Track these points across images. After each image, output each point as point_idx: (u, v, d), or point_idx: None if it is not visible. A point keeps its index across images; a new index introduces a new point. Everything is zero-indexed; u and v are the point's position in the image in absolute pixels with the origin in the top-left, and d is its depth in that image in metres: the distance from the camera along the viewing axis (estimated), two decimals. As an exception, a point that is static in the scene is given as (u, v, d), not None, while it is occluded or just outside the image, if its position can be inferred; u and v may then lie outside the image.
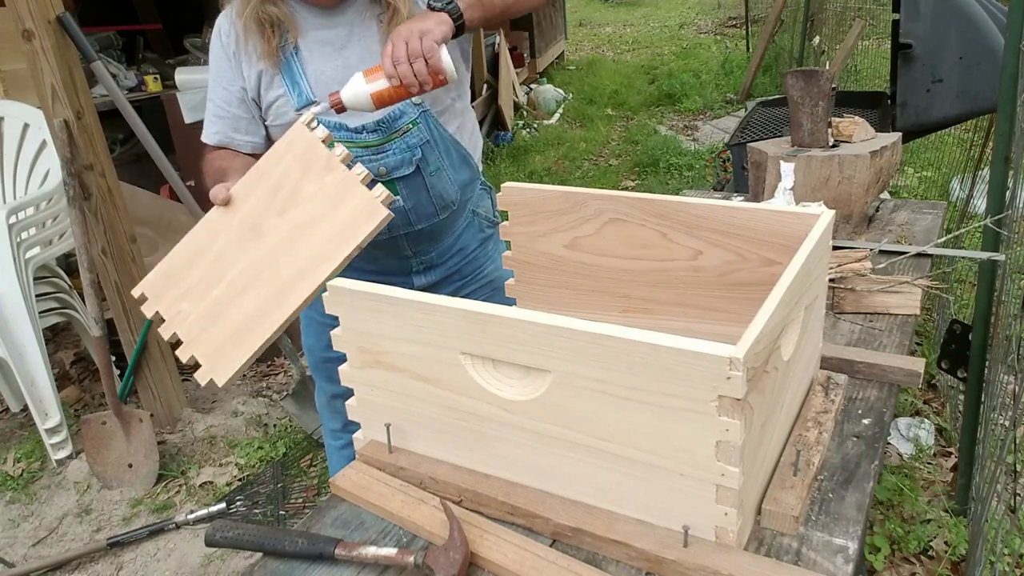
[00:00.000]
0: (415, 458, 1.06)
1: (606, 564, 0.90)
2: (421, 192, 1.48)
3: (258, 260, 1.22)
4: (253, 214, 1.25)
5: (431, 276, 1.62)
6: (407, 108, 1.40)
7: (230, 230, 1.27)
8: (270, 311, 1.17)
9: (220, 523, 1.02)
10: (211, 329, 1.22)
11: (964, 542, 2.07)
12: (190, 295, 1.26)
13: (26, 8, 2.40)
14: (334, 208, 1.17)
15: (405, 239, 1.53)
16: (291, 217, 1.21)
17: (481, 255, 1.68)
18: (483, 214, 1.67)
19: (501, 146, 6.48)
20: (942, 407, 2.73)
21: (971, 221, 3.02)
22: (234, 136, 1.49)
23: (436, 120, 1.45)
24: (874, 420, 1.12)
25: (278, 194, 1.23)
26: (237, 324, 1.19)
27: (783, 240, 1.10)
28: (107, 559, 2.40)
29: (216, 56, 1.46)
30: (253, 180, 1.27)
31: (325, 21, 1.41)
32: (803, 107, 1.77)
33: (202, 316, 1.23)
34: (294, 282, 1.17)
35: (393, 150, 1.42)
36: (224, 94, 1.46)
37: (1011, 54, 1.79)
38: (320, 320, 1.69)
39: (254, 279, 1.21)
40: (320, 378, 1.80)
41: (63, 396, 3.10)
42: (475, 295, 1.67)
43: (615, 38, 12.56)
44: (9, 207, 2.81)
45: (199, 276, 1.27)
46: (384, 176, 1.44)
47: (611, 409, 0.85)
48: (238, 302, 1.21)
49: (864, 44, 4.87)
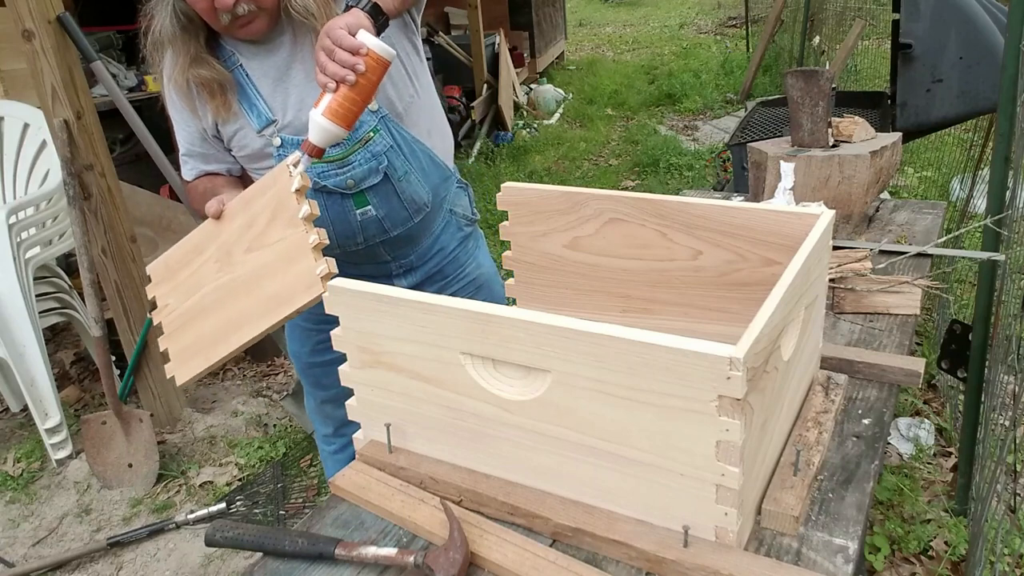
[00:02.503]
0: (415, 458, 1.06)
1: (606, 564, 0.90)
2: (392, 199, 1.46)
3: (223, 286, 1.27)
4: (229, 241, 1.28)
5: (412, 278, 1.61)
6: (365, 117, 1.38)
7: (212, 247, 1.31)
8: (218, 341, 1.24)
9: (220, 523, 1.02)
10: (183, 330, 1.30)
11: (964, 542, 2.07)
12: (176, 292, 1.34)
13: (26, 8, 2.40)
14: (287, 266, 1.18)
15: (382, 246, 1.52)
16: (255, 257, 1.23)
17: (462, 254, 1.66)
18: (460, 213, 1.65)
19: (501, 146, 6.48)
20: (942, 407, 2.73)
21: (971, 221, 3.02)
22: (206, 167, 1.52)
23: (397, 124, 1.43)
24: (874, 420, 1.12)
25: (250, 229, 1.25)
26: (198, 337, 1.27)
27: (783, 240, 1.10)
28: (107, 559, 2.40)
29: (170, 99, 1.45)
30: (240, 205, 1.29)
31: (264, 51, 1.39)
32: (803, 107, 1.77)
33: (180, 315, 1.32)
34: (240, 323, 1.22)
35: (358, 161, 1.40)
36: (186, 134, 1.48)
37: (1011, 54, 1.79)
38: (304, 326, 1.67)
39: (217, 303, 1.27)
40: (308, 384, 1.78)
41: (63, 396, 3.10)
42: (459, 294, 1.66)
43: (615, 38, 12.56)
44: (9, 207, 2.81)
45: (185, 278, 1.34)
46: (352, 188, 1.42)
47: (611, 409, 0.85)
48: (203, 317, 1.28)
49: (864, 44, 4.87)
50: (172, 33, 1.33)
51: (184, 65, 1.34)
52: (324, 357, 1.66)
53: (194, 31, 1.35)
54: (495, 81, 6.97)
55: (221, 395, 3.24)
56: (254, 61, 1.39)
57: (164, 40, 1.34)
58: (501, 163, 6.13)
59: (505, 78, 7.05)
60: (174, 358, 1.31)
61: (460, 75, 6.64)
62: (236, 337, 1.22)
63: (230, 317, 1.24)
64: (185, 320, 1.31)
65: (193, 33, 1.35)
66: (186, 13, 1.32)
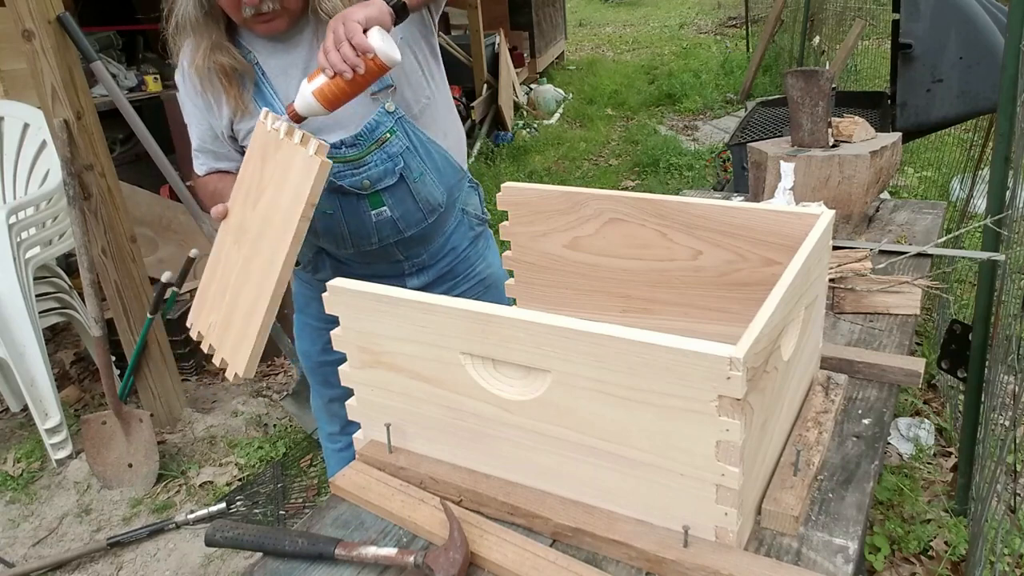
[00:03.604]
0: (415, 458, 1.06)
1: (606, 564, 0.90)
2: (407, 200, 1.46)
3: (248, 256, 1.24)
4: (239, 217, 1.29)
5: (424, 277, 1.61)
6: (383, 118, 1.38)
7: (227, 238, 1.32)
8: (260, 297, 1.19)
9: (220, 523, 1.02)
10: (228, 331, 1.26)
11: (964, 542, 2.07)
12: (213, 308, 1.32)
13: (26, 8, 2.40)
14: (284, 179, 1.17)
15: (395, 246, 1.52)
16: (261, 205, 1.23)
17: (472, 253, 1.67)
18: (472, 212, 1.65)
19: (501, 146, 6.48)
20: (942, 407, 2.73)
21: (971, 221, 3.02)
22: (217, 164, 1.53)
23: (413, 125, 1.43)
24: (874, 420, 1.12)
25: (251, 190, 1.26)
26: (242, 319, 1.22)
27: (783, 240, 1.10)
28: (107, 559, 2.40)
29: (184, 95, 1.46)
30: (236, 189, 1.32)
31: (282, 48, 1.39)
32: (803, 107, 1.77)
33: (222, 322, 1.28)
34: (271, 262, 1.18)
35: (374, 162, 1.40)
36: (198, 131, 1.49)
37: (1011, 54, 1.79)
38: (315, 324, 1.68)
39: (247, 274, 1.23)
40: (316, 382, 1.79)
41: (63, 396, 3.11)
42: (468, 293, 1.66)
43: (615, 38, 12.56)
44: (9, 207, 2.81)
45: (215, 288, 1.33)
46: (368, 188, 1.42)
47: (611, 409, 0.85)
48: (240, 300, 1.24)
49: (864, 44, 4.87)
50: (196, 18, 1.33)
51: (207, 49, 1.34)
52: (334, 356, 1.65)
53: (215, 18, 1.35)
54: (495, 81, 6.97)
55: (221, 395, 3.24)
56: (271, 59, 1.39)
57: (187, 25, 1.34)
58: (501, 163, 6.13)
59: (505, 78, 7.05)
60: (228, 360, 1.23)
61: (460, 75, 6.63)
62: (267, 286, 1.16)
63: (259, 278, 1.19)
64: (226, 322, 1.26)
65: (215, 20, 1.35)
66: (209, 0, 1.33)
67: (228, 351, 1.24)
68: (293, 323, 1.78)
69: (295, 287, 1.73)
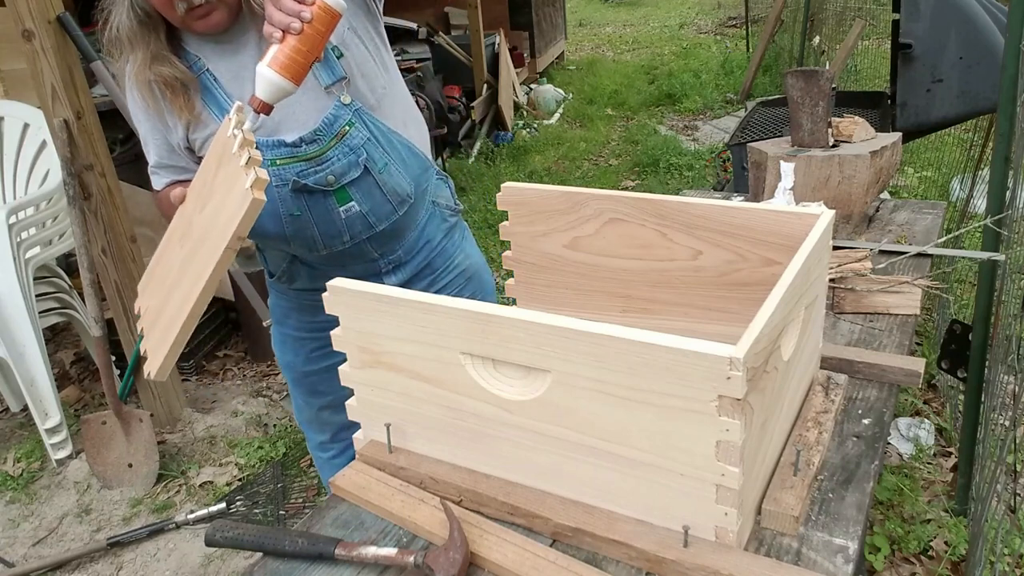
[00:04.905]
0: (415, 458, 1.06)
1: (606, 564, 0.90)
2: (375, 192, 1.43)
3: (186, 258, 1.21)
4: (189, 211, 1.25)
5: (401, 275, 1.58)
6: (340, 111, 1.36)
7: (178, 228, 1.27)
8: (182, 309, 1.15)
9: (220, 523, 1.02)
10: (156, 324, 1.23)
11: (964, 542, 2.07)
12: (155, 292, 1.28)
13: (26, 8, 2.41)
14: (227, 196, 1.11)
15: (369, 243, 1.49)
16: (207, 211, 1.18)
17: (449, 246, 1.64)
18: (443, 203, 1.62)
19: (501, 146, 6.48)
20: (942, 407, 2.73)
21: (971, 221, 3.02)
22: (179, 178, 1.47)
23: (372, 116, 1.40)
24: (874, 420, 1.12)
25: (202, 191, 1.22)
26: (167, 320, 1.19)
27: (783, 240, 1.10)
28: (107, 559, 2.40)
29: (134, 104, 1.41)
30: (196, 179, 1.28)
31: (230, 50, 1.35)
32: (803, 107, 1.77)
33: (155, 310, 1.25)
34: (198, 277, 1.14)
35: (336, 156, 1.38)
36: (155, 147, 1.44)
37: (1011, 54, 1.79)
38: (296, 335, 1.65)
39: (182, 275, 1.20)
40: (302, 393, 1.73)
41: (63, 396, 3.11)
42: (450, 287, 1.64)
43: (615, 38, 12.56)
44: (9, 207, 2.81)
45: (156, 275, 1.30)
46: (333, 184, 1.39)
47: (611, 409, 0.85)
48: (172, 298, 1.20)
49: (864, 44, 4.87)
50: (130, 28, 1.28)
51: (145, 62, 1.29)
52: (320, 364, 1.64)
53: (153, 27, 1.30)
54: (495, 81, 6.97)
55: (221, 395, 3.24)
56: (220, 63, 1.35)
57: (123, 37, 1.29)
58: (501, 163, 6.13)
59: (505, 78, 7.05)
60: (149, 355, 1.20)
61: (460, 75, 6.63)
62: (188, 303, 1.11)
63: (189, 285, 1.14)
64: (156, 315, 1.23)
65: (152, 28, 1.30)
66: (143, 7, 1.27)
67: (152, 345, 1.21)
68: (273, 338, 1.73)
69: (271, 300, 1.68)
